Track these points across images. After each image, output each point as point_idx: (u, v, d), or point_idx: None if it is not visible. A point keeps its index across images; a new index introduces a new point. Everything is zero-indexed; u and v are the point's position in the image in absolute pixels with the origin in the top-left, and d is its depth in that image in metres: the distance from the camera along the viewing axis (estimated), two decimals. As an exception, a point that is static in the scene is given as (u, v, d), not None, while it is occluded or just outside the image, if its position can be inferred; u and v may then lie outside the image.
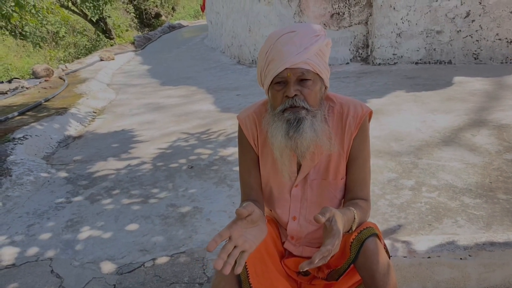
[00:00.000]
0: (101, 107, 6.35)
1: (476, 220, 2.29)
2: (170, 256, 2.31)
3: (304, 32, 1.33)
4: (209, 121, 4.86)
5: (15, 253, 2.49)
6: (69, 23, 21.96)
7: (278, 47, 1.31)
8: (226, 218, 2.65)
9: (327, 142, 1.36)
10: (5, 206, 3.09)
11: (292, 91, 1.29)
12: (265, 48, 1.36)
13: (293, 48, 1.29)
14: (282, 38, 1.32)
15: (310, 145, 1.33)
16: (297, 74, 1.30)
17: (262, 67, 1.38)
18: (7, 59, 19.90)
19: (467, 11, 6.19)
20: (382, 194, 2.68)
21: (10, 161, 3.78)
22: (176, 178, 3.35)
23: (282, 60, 1.29)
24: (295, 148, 1.34)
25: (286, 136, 1.32)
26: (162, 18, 27.77)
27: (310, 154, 1.38)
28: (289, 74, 1.29)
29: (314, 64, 1.31)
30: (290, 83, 1.30)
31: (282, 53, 1.30)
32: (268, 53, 1.34)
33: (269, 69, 1.33)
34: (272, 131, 1.36)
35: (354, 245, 1.34)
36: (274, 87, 1.34)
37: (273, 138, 1.36)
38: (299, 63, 1.29)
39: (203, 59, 10.58)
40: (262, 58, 1.37)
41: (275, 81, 1.33)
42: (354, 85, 5.80)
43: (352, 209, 1.33)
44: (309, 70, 1.31)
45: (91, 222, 2.78)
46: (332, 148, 1.39)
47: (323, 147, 1.36)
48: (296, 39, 1.31)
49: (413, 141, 3.51)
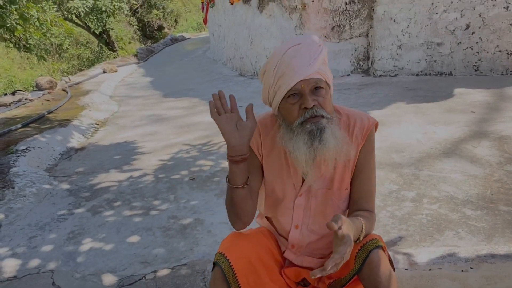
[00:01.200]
0: (104, 119, 6.39)
1: (477, 232, 2.29)
2: (171, 268, 2.31)
3: (308, 43, 1.35)
4: (210, 133, 4.88)
5: (16, 265, 2.50)
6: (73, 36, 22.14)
7: (287, 61, 1.32)
8: (228, 230, 2.66)
9: (347, 147, 1.37)
10: (8, 218, 3.10)
11: (310, 102, 1.30)
12: (272, 64, 1.36)
13: (303, 60, 1.31)
14: (288, 52, 1.33)
15: (334, 153, 1.34)
16: (311, 85, 1.31)
17: (270, 83, 1.37)
18: (11, 71, 20.05)
19: (467, 23, 6.24)
20: (383, 205, 2.69)
21: (13, 173, 3.80)
22: (177, 190, 3.36)
23: (294, 73, 1.30)
24: (320, 158, 1.35)
25: (311, 148, 1.32)
26: (164, 30, 28.00)
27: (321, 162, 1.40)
28: (303, 86, 1.31)
29: (323, 73, 1.34)
30: (305, 94, 1.31)
31: (292, 66, 1.31)
32: (277, 69, 1.34)
33: (280, 84, 1.34)
34: (294, 144, 1.34)
35: (359, 256, 1.34)
36: (287, 101, 1.34)
37: (297, 151, 1.34)
38: (312, 73, 1.31)
39: (205, 71, 10.65)
40: (270, 74, 1.37)
41: (287, 95, 1.33)
42: (355, 96, 5.83)
43: (360, 219, 1.35)
44: (321, 79, 1.33)
45: (92, 234, 2.79)
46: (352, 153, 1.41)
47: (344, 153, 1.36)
48: (304, 50, 1.32)
49: (414, 152, 3.51)
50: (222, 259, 1.38)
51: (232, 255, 1.38)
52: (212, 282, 1.38)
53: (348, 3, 7.06)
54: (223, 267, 1.36)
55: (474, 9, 6.14)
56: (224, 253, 1.39)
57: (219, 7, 10.94)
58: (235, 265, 1.36)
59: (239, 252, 1.40)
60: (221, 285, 1.36)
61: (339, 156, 1.37)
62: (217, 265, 1.38)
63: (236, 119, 1.33)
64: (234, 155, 1.34)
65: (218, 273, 1.37)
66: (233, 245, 1.42)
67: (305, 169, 1.38)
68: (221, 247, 1.43)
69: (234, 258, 1.38)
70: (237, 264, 1.37)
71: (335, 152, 1.34)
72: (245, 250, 1.42)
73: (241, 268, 1.37)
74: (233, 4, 9.25)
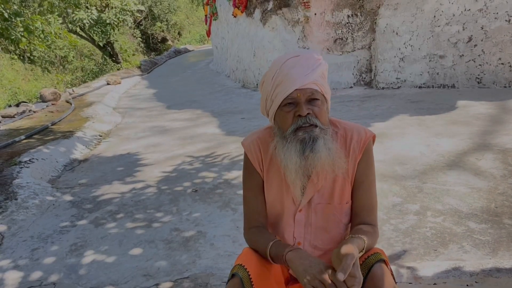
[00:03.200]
0: (107, 131, 6.41)
1: (482, 246, 2.27)
2: (174, 282, 2.30)
3: (307, 55, 1.38)
4: (214, 144, 4.89)
5: (19, 277, 2.49)
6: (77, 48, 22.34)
7: (285, 71, 1.35)
8: (230, 242, 2.65)
9: (339, 161, 1.37)
10: (10, 230, 3.09)
11: (305, 110, 1.32)
12: (271, 73, 1.39)
13: (301, 70, 1.33)
14: (288, 62, 1.36)
15: (325, 164, 1.34)
16: (307, 94, 1.33)
17: (268, 92, 1.40)
18: (15, 83, 20.20)
19: (469, 36, 6.26)
20: (387, 218, 2.67)
21: (16, 184, 3.80)
22: (180, 202, 3.35)
23: (291, 81, 1.33)
24: (310, 168, 1.35)
25: (301, 157, 1.33)
26: (168, 42, 28.23)
27: (317, 175, 1.39)
28: (299, 95, 1.33)
29: (321, 85, 1.36)
30: (300, 103, 1.33)
31: (290, 75, 1.33)
32: (275, 78, 1.37)
33: (277, 92, 1.36)
34: (285, 152, 1.35)
35: (362, 270, 1.33)
36: (283, 109, 1.36)
37: (287, 160, 1.35)
38: (308, 83, 1.33)
39: (208, 83, 10.70)
40: (268, 83, 1.40)
41: (283, 103, 1.35)
42: (357, 109, 5.84)
43: (362, 237, 1.33)
44: (318, 90, 1.35)
45: (95, 246, 2.78)
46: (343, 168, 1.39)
47: (335, 166, 1.36)
48: (302, 61, 1.35)
49: (418, 165, 3.50)
50: (242, 270, 1.35)
51: (251, 268, 1.36)
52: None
53: (351, 16, 7.11)
54: (243, 277, 1.33)
55: (476, 22, 6.17)
56: (244, 265, 1.37)
57: (222, 19, 11.03)
58: (254, 278, 1.34)
59: (258, 265, 1.39)
60: None
61: (331, 168, 1.37)
62: (236, 276, 1.35)
63: None
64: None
65: (236, 283, 1.34)
66: (251, 259, 1.40)
67: (295, 179, 1.38)
68: (240, 259, 1.41)
69: (254, 270, 1.36)
70: (256, 277, 1.35)
71: (326, 163, 1.34)
72: (263, 265, 1.41)
73: (259, 281, 1.35)
74: (236, 17, 9.33)
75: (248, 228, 1.51)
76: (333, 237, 1.49)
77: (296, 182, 1.40)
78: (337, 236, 1.49)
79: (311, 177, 1.41)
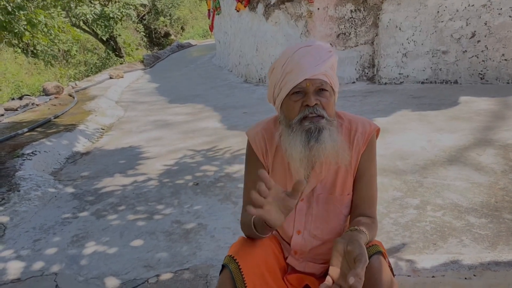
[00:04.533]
0: (109, 124, 6.43)
1: (481, 240, 2.27)
2: (174, 273, 2.31)
3: (319, 46, 1.38)
4: (215, 138, 4.90)
5: (20, 267, 2.51)
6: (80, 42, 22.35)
7: (296, 59, 1.35)
8: (231, 235, 2.66)
9: (343, 153, 1.37)
10: (13, 221, 3.12)
11: (313, 100, 1.33)
12: (282, 61, 1.39)
13: (312, 60, 1.34)
14: (299, 51, 1.36)
15: (329, 155, 1.34)
16: (316, 85, 1.34)
17: (277, 79, 1.40)
18: (18, 77, 20.24)
19: (473, 32, 6.24)
20: (387, 212, 2.68)
21: (19, 176, 3.83)
22: (181, 195, 3.37)
23: (301, 71, 1.33)
24: (314, 158, 1.35)
25: (306, 146, 1.33)
26: (171, 37, 28.21)
27: (321, 165, 1.40)
28: (308, 84, 1.33)
29: (330, 76, 1.36)
30: (309, 93, 1.34)
31: (300, 65, 1.34)
32: (285, 66, 1.37)
33: (287, 81, 1.36)
34: (290, 141, 1.36)
35: None
36: (291, 97, 1.36)
37: (292, 148, 1.35)
38: (318, 74, 1.33)
39: (211, 77, 10.70)
40: (278, 71, 1.40)
41: (292, 92, 1.36)
42: (360, 104, 5.83)
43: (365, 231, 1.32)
44: (327, 81, 1.35)
45: (96, 238, 2.80)
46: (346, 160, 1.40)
47: (339, 157, 1.37)
48: (314, 52, 1.35)
49: (419, 160, 3.51)
50: (232, 262, 1.36)
51: (242, 259, 1.37)
52: (220, 284, 1.36)
53: (354, 11, 7.09)
54: (232, 270, 1.35)
55: (479, 17, 6.14)
56: (234, 256, 1.37)
57: (225, 14, 11.01)
58: (244, 269, 1.35)
59: (249, 256, 1.39)
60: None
61: (335, 159, 1.37)
62: (226, 268, 1.37)
63: (277, 199, 1.21)
64: (273, 227, 1.29)
65: (226, 275, 1.35)
66: (243, 249, 1.41)
67: (299, 168, 1.38)
68: (231, 250, 1.42)
69: (244, 262, 1.37)
70: (246, 268, 1.35)
71: (331, 154, 1.34)
72: (255, 255, 1.41)
73: (250, 272, 1.35)
74: (239, 11, 9.31)
75: (246, 216, 1.52)
76: (333, 227, 1.50)
77: (299, 171, 1.40)
78: (337, 227, 1.51)
79: (314, 168, 1.42)
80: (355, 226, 1.36)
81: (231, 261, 1.37)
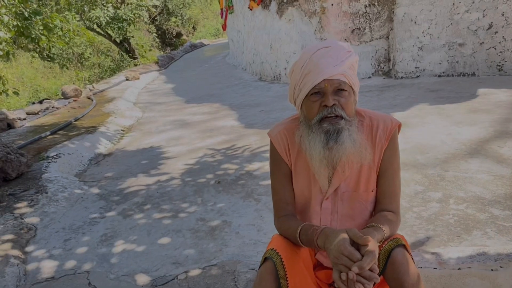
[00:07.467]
0: (129, 125, 6.53)
1: (506, 232, 2.28)
2: (202, 269, 2.37)
3: (338, 47, 1.41)
4: (233, 137, 4.95)
5: (54, 266, 2.60)
6: (94, 44, 22.61)
7: (315, 61, 1.38)
8: (255, 231, 2.71)
9: (364, 152, 1.40)
10: (43, 222, 3.22)
11: (331, 101, 1.36)
12: (301, 63, 1.42)
13: (330, 60, 1.37)
14: (317, 52, 1.39)
15: (349, 155, 1.38)
16: (334, 85, 1.37)
17: (297, 80, 1.44)
18: (35, 81, 20.59)
19: (490, 23, 6.17)
20: (410, 206, 2.70)
21: (45, 178, 3.93)
22: (204, 193, 3.43)
23: (320, 71, 1.36)
24: (335, 158, 1.38)
25: (325, 147, 1.37)
26: (183, 37, 28.33)
27: (343, 165, 1.43)
28: (327, 85, 1.36)
29: (349, 76, 1.39)
30: (327, 93, 1.37)
31: (319, 66, 1.37)
32: (304, 67, 1.40)
33: (306, 82, 1.40)
34: (310, 142, 1.40)
35: (381, 256, 1.36)
36: (310, 98, 1.40)
37: (312, 149, 1.40)
38: (336, 74, 1.36)
39: (225, 76, 10.76)
40: (297, 72, 1.44)
41: (311, 93, 1.39)
42: (377, 99, 5.83)
43: (383, 228, 1.36)
44: (345, 82, 1.38)
45: (124, 236, 2.88)
46: (368, 158, 1.42)
47: (360, 157, 1.40)
48: (332, 53, 1.38)
49: (439, 153, 3.51)
50: (275, 254, 1.39)
51: (284, 253, 1.40)
52: (260, 276, 1.38)
53: (368, 6, 7.07)
54: (276, 262, 1.37)
55: (496, 8, 6.08)
56: (277, 249, 1.41)
57: (238, 13, 11.05)
58: (286, 263, 1.38)
59: (290, 251, 1.43)
60: (270, 279, 1.36)
61: (357, 159, 1.40)
62: (269, 259, 1.39)
63: None
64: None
65: (269, 267, 1.37)
66: (282, 244, 1.45)
67: (320, 168, 1.42)
68: (272, 244, 1.45)
69: (286, 255, 1.40)
70: (288, 262, 1.39)
71: (351, 154, 1.37)
72: (296, 250, 1.45)
73: (291, 266, 1.39)
74: (252, 9, 9.34)
75: (278, 217, 1.56)
76: (359, 224, 1.53)
77: (320, 171, 1.44)
78: (362, 223, 1.53)
79: (337, 168, 1.45)
80: (373, 222, 1.40)
81: (274, 254, 1.40)
